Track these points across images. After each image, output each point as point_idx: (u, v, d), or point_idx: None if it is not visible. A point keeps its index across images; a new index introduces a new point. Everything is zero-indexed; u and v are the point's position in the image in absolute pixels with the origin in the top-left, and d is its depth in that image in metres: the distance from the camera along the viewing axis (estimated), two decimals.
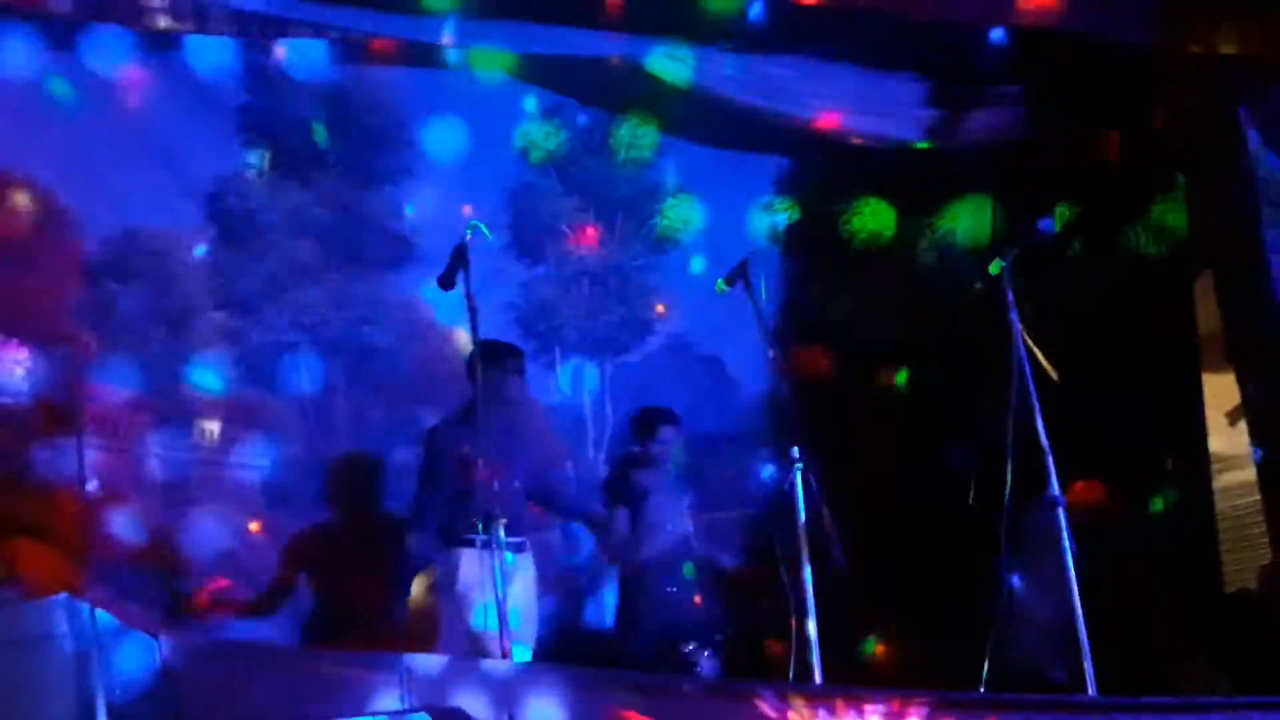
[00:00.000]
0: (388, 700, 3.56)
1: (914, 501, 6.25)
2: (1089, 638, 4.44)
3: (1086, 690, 4.48)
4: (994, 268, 4.62)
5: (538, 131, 6.46)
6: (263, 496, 5.91)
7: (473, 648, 4.57)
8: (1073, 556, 4.64)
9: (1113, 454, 6.11)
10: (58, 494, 5.36)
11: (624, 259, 6.60)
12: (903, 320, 6.85)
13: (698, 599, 5.10)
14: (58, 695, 3.29)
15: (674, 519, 5.27)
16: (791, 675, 4.32)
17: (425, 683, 3.60)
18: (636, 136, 6.56)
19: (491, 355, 4.75)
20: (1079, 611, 4.49)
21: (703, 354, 6.66)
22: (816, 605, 4.18)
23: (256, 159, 6.03)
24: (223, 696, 3.48)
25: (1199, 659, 5.76)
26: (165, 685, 3.49)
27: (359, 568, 5.77)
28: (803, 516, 4.19)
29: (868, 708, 3.68)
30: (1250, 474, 6.29)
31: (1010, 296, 4.56)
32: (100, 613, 3.49)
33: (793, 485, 4.22)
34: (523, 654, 4.66)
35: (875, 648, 5.54)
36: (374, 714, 3.50)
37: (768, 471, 6.38)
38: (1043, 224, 4.69)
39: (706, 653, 4.97)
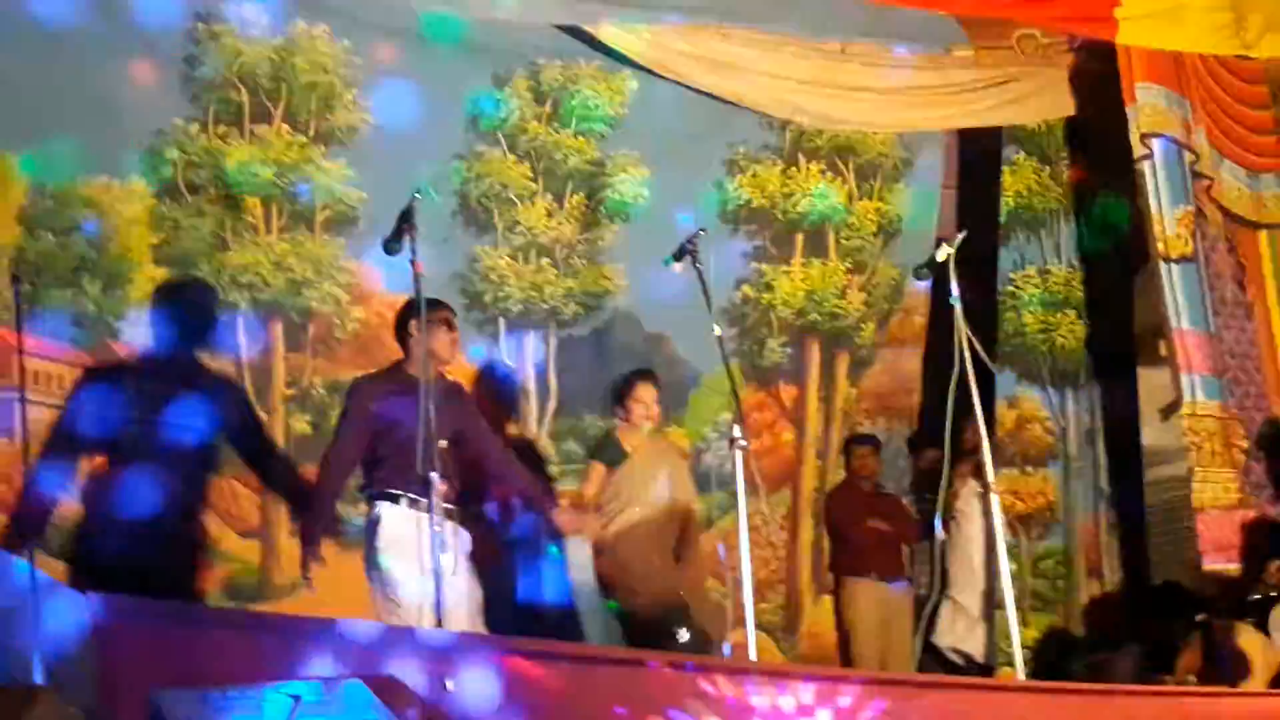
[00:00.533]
0: (320, 666, 3.54)
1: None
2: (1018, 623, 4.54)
3: (1014, 673, 4.59)
4: (940, 253, 4.68)
5: (488, 99, 6.42)
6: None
7: (393, 614, 4.50)
8: (1005, 543, 4.75)
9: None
10: None
11: (574, 232, 6.57)
12: (846, 303, 6.96)
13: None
14: None
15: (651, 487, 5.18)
16: (727, 651, 4.38)
17: (358, 649, 3.59)
18: (589, 109, 6.56)
19: (435, 318, 4.72)
20: (1010, 597, 4.58)
21: (651, 330, 6.66)
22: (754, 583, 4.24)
23: (200, 114, 5.92)
24: (152, 656, 3.44)
25: (1126, 646, 5.94)
26: (94, 643, 3.45)
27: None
28: (743, 496, 4.23)
29: (800, 686, 3.72)
30: (1179, 469, 6.47)
31: (954, 284, 4.63)
32: (31, 569, 3.44)
33: (733, 463, 4.26)
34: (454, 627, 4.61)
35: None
36: (306, 679, 3.48)
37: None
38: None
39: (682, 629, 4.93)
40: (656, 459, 5.23)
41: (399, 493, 4.48)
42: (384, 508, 4.53)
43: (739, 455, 4.26)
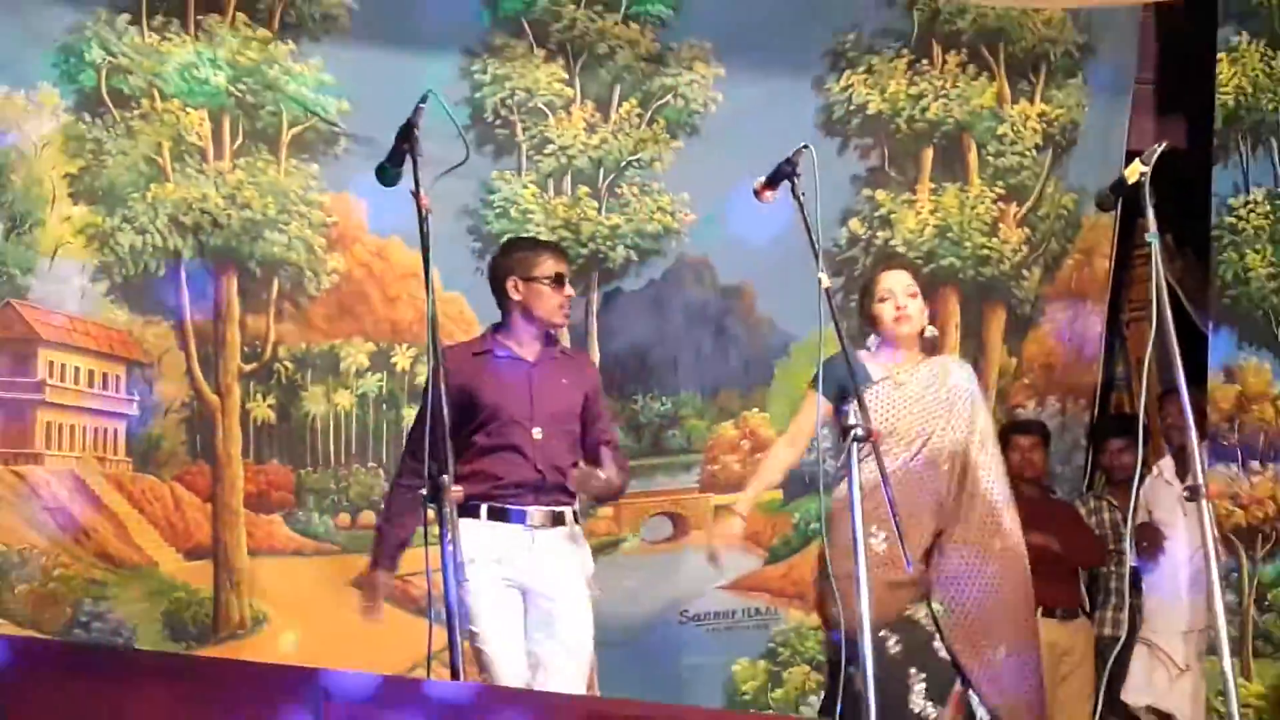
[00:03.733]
0: None
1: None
2: None
3: None
4: (1130, 173, 4.65)
5: None
6: (131, 451, 6.01)
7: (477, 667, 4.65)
8: (1220, 566, 4.72)
9: None
10: None
11: (624, 150, 6.60)
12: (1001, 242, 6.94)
13: None
14: None
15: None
16: (839, 708, 4.42)
17: (349, 708, 3.66)
18: None
19: (526, 255, 4.85)
20: (1225, 638, 4.55)
21: (729, 281, 6.72)
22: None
23: (130, 3, 6.00)
24: (70, 714, 3.52)
25: None
26: None
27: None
28: (858, 507, 4.24)
29: None
30: None
31: (1151, 215, 4.60)
32: None
33: (848, 464, 4.27)
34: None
35: None
36: None
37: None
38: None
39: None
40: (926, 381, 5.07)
41: (495, 503, 4.65)
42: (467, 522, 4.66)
43: (854, 450, 4.26)
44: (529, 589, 4.77)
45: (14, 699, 3.58)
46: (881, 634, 4.70)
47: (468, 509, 4.60)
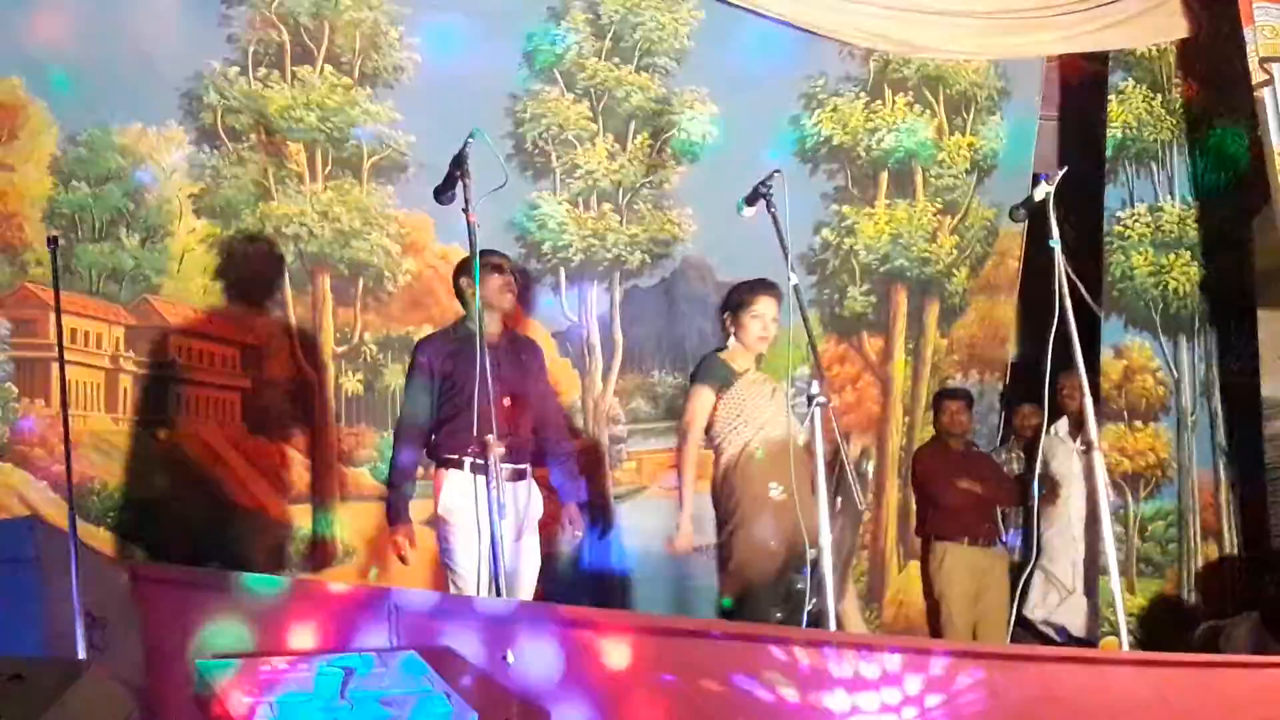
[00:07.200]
0: (374, 637, 3.61)
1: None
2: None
3: (1119, 645, 4.55)
4: (1037, 192, 4.61)
5: (545, 34, 6.40)
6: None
7: (452, 584, 4.64)
8: (1109, 505, 4.69)
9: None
10: (30, 411, 5.46)
11: (638, 174, 6.55)
12: (936, 247, 6.89)
13: None
14: (28, 618, 3.35)
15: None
16: (804, 623, 4.38)
17: (414, 619, 3.66)
18: (653, 42, 6.51)
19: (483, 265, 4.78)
20: (1114, 562, 4.53)
21: (723, 279, 6.58)
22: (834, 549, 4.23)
23: (239, 55, 5.96)
24: (195, 626, 3.52)
25: (1244, 614, 5.84)
26: (134, 613, 3.54)
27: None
28: (821, 457, 4.22)
29: (885, 656, 3.71)
30: None
31: (1054, 224, 4.56)
32: (69, 536, 3.54)
33: (812, 422, 4.24)
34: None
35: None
36: (359, 651, 3.55)
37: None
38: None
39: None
40: (766, 384, 5.10)
41: (460, 456, 4.60)
42: (447, 473, 4.67)
43: (818, 413, 4.23)
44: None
45: (150, 616, 3.58)
46: None
47: (451, 463, 4.60)
